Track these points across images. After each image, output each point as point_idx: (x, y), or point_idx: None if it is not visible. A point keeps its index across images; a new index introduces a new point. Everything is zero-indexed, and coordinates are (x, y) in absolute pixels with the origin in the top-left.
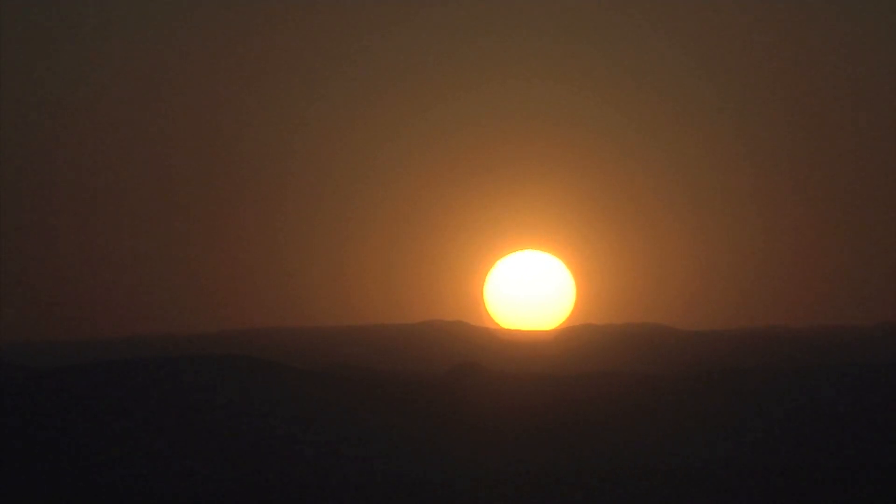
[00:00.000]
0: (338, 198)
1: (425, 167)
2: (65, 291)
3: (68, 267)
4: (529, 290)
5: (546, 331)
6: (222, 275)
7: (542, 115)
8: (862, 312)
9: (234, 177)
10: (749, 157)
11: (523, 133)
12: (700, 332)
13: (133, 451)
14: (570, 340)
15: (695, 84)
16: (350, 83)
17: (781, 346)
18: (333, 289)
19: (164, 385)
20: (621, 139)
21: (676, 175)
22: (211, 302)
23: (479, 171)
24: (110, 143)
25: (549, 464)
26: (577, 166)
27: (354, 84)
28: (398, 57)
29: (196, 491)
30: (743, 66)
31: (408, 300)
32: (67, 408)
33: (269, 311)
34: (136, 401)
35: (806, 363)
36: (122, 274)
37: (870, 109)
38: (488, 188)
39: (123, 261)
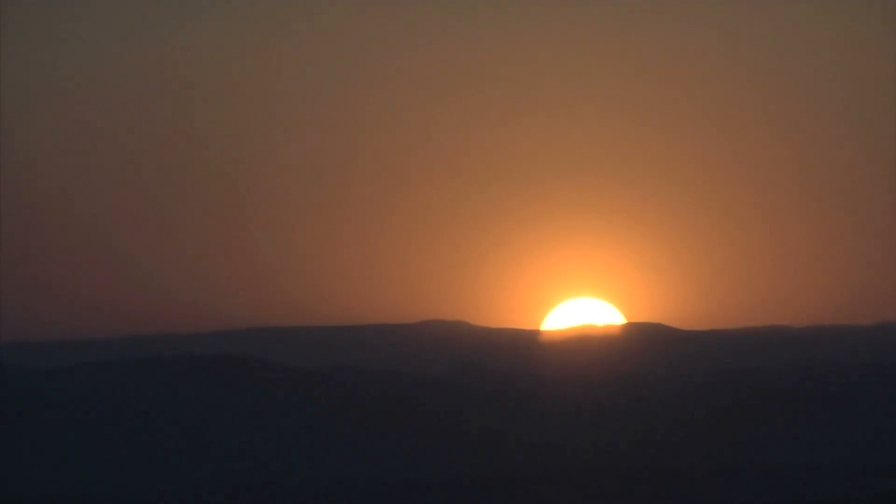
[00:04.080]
0: (336, 199)
1: (413, 168)
2: (65, 291)
3: (68, 267)
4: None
5: (546, 331)
6: (222, 275)
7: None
8: (862, 312)
9: (236, 177)
10: (749, 158)
11: (539, 143)
12: (700, 331)
13: (133, 450)
14: (570, 340)
15: (692, 87)
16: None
17: (781, 346)
18: (333, 289)
19: (164, 385)
20: (621, 141)
21: (676, 176)
22: (211, 302)
23: (475, 177)
24: (110, 143)
25: (548, 463)
26: (579, 171)
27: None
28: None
29: (197, 489)
30: (743, 68)
31: (409, 299)
32: (67, 408)
33: (269, 311)
34: (136, 401)
35: (806, 363)
36: (122, 274)
37: (869, 110)
38: (484, 192)
39: (124, 261)
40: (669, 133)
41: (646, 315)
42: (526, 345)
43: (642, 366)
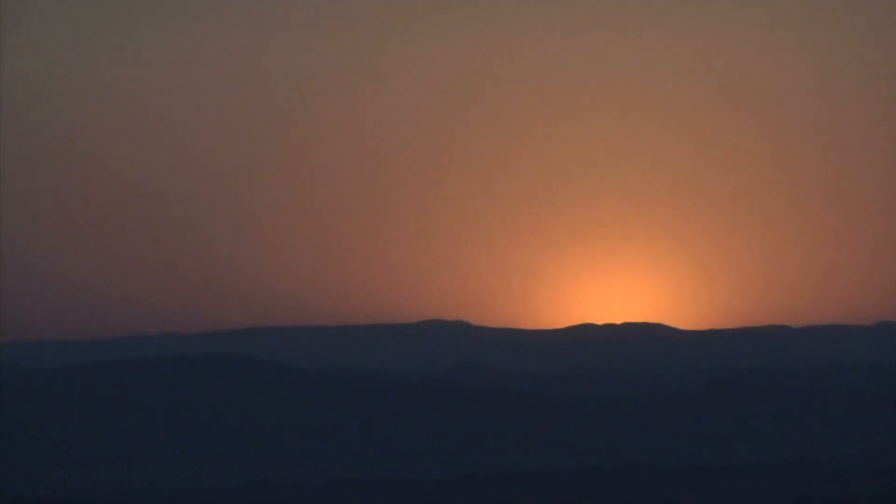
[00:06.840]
0: (336, 201)
1: (411, 168)
2: (65, 291)
3: (68, 267)
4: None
5: (546, 330)
6: (222, 275)
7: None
8: (862, 312)
9: (235, 177)
10: (749, 159)
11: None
12: (700, 331)
13: (133, 450)
14: (571, 340)
15: (690, 90)
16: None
17: (781, 346)
18: (333, 289)
19: (164, 385)
20: (620, 142)
21: (676, 177)
22: (211, 302)
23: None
24: (111, 144)
25: (548, 462)
26: (578, 172)
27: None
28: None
29: (197, 489)
30: (744, 67)
31: (409, 299)
32: (68, 408)
33: (269, 311)
34: (137, 401)
35: (806, 363)
36: (122, 274)
37: (869, 111)
38: (480, 193)
39: (124, 261)
40: (669, 135)
41: (646, 315)
42: (525, 345)
43: (642, 365)
